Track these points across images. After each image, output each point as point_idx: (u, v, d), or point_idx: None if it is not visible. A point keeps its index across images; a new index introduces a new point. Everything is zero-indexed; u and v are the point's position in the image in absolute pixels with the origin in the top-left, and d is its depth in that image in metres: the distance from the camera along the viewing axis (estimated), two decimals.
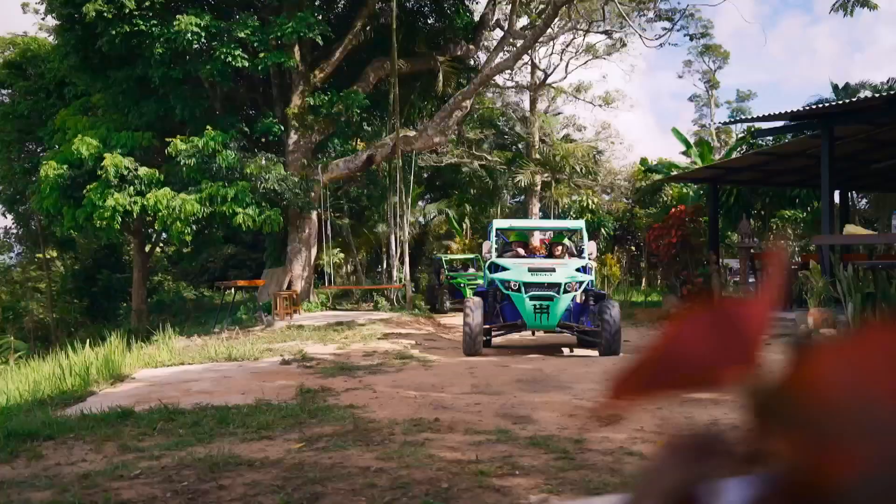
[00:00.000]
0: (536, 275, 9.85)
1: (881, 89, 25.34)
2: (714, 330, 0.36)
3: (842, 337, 0.35)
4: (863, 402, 0.33)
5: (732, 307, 0.36)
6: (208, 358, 10.20)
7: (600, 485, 3.89)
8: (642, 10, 25.03)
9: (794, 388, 0.35)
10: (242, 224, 16.39)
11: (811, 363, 0.35)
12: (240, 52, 16.45)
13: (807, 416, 0.34)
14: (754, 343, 0.36)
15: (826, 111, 10.73)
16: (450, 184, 30.50)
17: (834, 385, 0.34)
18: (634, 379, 0.35)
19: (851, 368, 0.34)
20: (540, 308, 9.69)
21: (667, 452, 0.38)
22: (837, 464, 0.32)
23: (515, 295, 9.85)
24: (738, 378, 0.36)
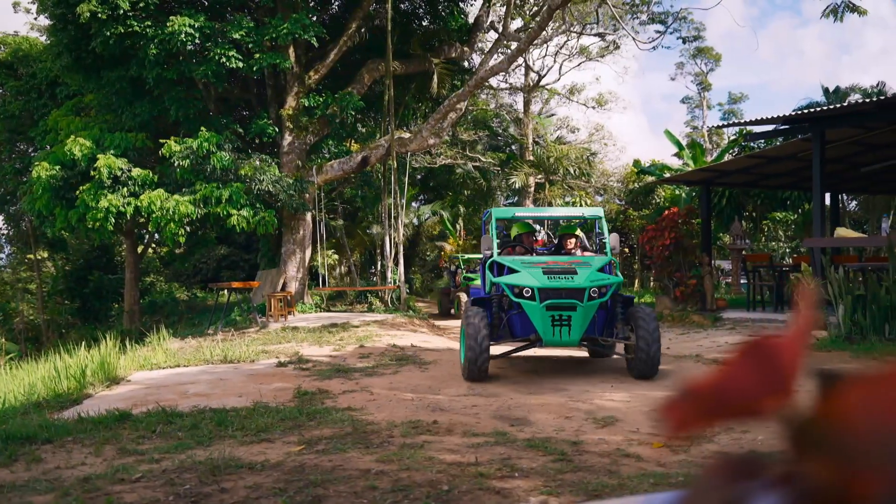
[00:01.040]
0: (554, 278, 7.79)
1: (871, 93, 25.54)
2: (756, 366, 0.40)
3: (867, 372, 0.39)
4: (886, 431, 0.37)
5: (772, 345, 0.41)
6: (203, 360, 10.21)
7: (598, 486, 3.94)
8: (635, 13, 25.13)
9: (825, 417, 0.39)
10: (237, 226, 16.38)
11: (840, 395, 0.39)
12: (234, 53, 16.44)
13: (837, 442, 0.38)
14: (791, 377, 0.41)
15: (818, 115, 10.83)
16: (443, 185, 30.59)
17: (861, 415, 0.38)
18: (688, 409, 0.39)
19: (876, 401, 0.38)
20: (559, 320, 7.75)
21: (712, 471, 0.42)
22: (864, 484, 0.37)
23: (528, 304, 7.79)
24: (777, 408, 0.40)
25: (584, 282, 7.79)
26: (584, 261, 8.47)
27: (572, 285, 7.75)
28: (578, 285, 7.76)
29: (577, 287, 7.75)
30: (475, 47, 21.57)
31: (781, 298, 13.55)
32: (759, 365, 0.42)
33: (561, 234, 9.77)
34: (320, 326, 13.98)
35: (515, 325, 8.26)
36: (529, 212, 10.76)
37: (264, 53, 16.65)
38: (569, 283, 7.75)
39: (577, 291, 7.76)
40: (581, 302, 7.72)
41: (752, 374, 0.42)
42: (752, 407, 0.41)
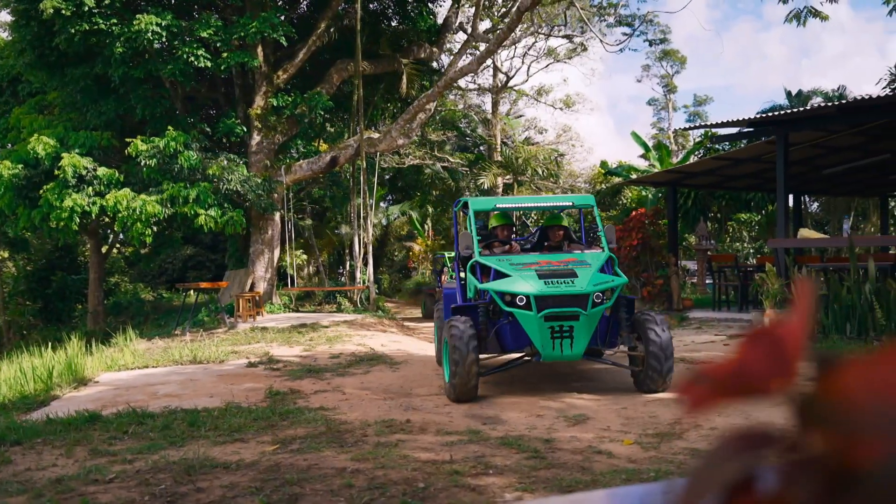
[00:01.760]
0: (552, 283, 6.72)
1: (832, 96, 26.09)
2: (765, 350, 0.46)
3: (859, 356, 0.45)
4: (880, 406, 0.43)
5: (777, 332, 0.46)
6: (172, 361, 10.13)
7: (572, 483, 4.01)
8: (603, 16, 25.38)
9: (826, 395, 0.45)
10: (205, 225, 16.24)
11: (838, 376, 0.45)
12: (202, 51, 16.31)
13: (836, 416, 0.44)
14: (795, 360, 0.46)
15: (781, 118, 11.06)
16: (412, 185, 30.60)
17: (855, 392, 0.44)
18: (706, 390, 0.44)
19: (868, 380, 0.44)
20: (559, 332, 6.69)
21: (728, 440, 0.47)
22: (861, 452, 0.42)
23: (523, 314, 6.74)
24: (783, 388, 0.46)
25: (586, 286, 6.71)
26: (580, 259, 7.39)
27: (574, 291, 6.66)
28: (581, 291, 6.67)
29: (580, 293, 6.67)
30: (444, 48, 21.63)
31: (746, 298, 13.80)
32: (767, 350, 0.47)
33: (546, 226, 8.49)
34: (289, 327, 13.93)
35: (506, 337, 7.15)
36: (512, 202, 8.88)
37: (232, 52, 16.53)
38: (569, 289, 6.67)
39: (579, 298, 6.69)
40: (584, 310, 6.65)
41: (761, 358, 0.47)
42: (762, 387, 0.46)
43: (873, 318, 8.97)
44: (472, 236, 7.64)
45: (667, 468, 4.30)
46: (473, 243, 7.62)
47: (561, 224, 8.38)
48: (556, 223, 8.39)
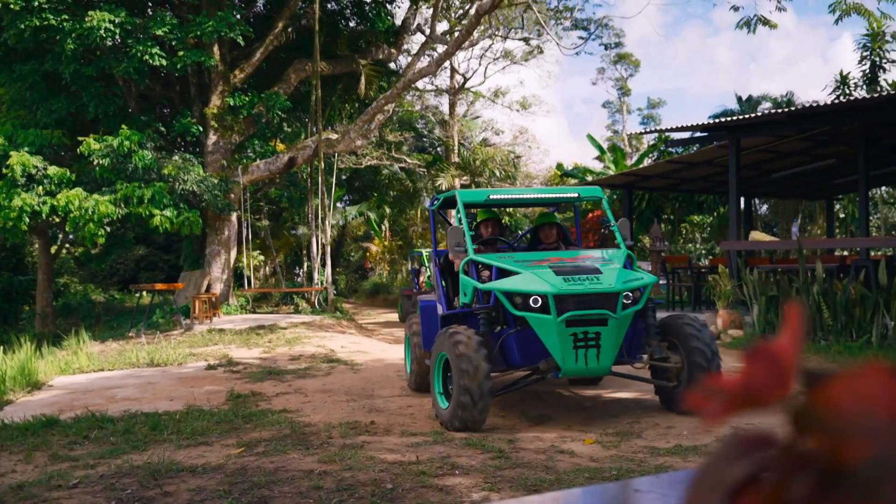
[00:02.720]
0: (573, 281, 5.64)
1: (780, 102, 26.78)
2: (764, 367, 0.53)
3: (847, 369, 0.53)
4: (862, 414, 0.51)
5: (775, 350, 0.54)
6: (129, 364, 10.01)
7: (537, 482, 4.11)
8: (559, 19, 25.67)
9: (817, 404, 0.53)
10: (160, 226, 16.03)
11: (826, 388, 0.52)
12: (157, 50, 16.09)
13: (825, 422, 0.51)
14: (790, 375, 0.54)
15: (734, 124, 11.36)
16: (369, 186, 30.54)
17: (844, 402, 0.52)
18: (716, 402, 0.52)
19: (854, 391, 0.52)
20: (584, 339, 5.55)
21: (729, 443, 0.55)
22: (847, 453, 0.50)
23: (538, 318, 5.62)
24: (781, 399, 0.53)
25: (615, 284, 5.65)
26: (598, 256, 6.49)
27: (601, 289, 5.58)
28: (609, 288, 5.59)
29: (608, 291, 5.59)
30: (402, 49, 21.67)
31: (699, 299, 14.11)
32: (766, 366, 0.55)
33: (538, 224, 7.34)
34: (247, 328, 13.83)
35: (512, 350, 5.93)
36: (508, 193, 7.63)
37: (188, 51, 16.34)
38: (595, 286, 5.59)
39: (607, 298, 5.60)
40: (613, 312, 5.56)
41: (762, 374, 0.55)
42: (764, 399, 0.54)
43: (821, 318, 9.27)
44: (463, 231, 6.44)
45: (628, 466, 4.42)
46: (466, 239, 6.40)
47: (554, 222, 7.26)
48: (550, 221, 7.26)
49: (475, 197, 7.21)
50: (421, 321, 7.26)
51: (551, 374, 5.86)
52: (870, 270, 9.86)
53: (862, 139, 12.46)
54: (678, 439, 5.25)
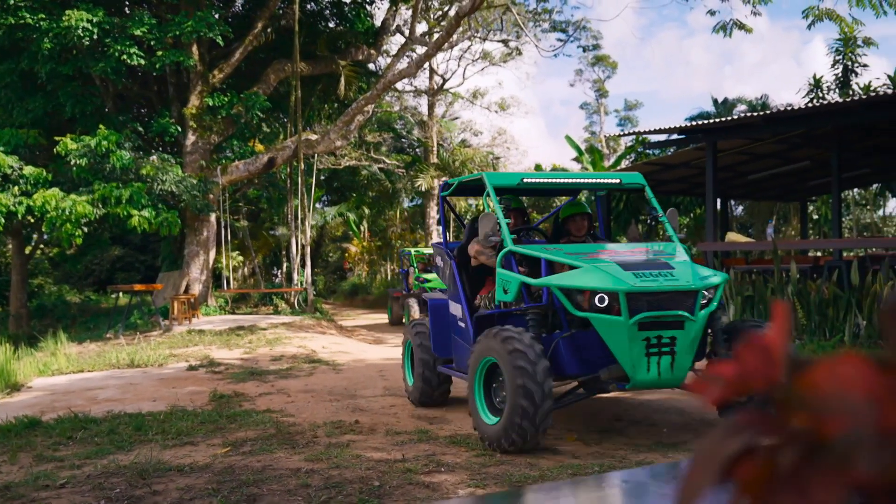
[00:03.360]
0: (645, 277, 4.92)
1: (755, 104, 27.16)
2: (758, 356, 0.62)
3: (826, 357, 0.61)
4: (838, 395, 0.59)
5: (765, 341, 0.62)
6: (109, 365, 9.98)
7: (521, 478, 4.20)
8: (538, 21, 25.83)
9: (801, 387, 0.61)
10: (138, 227, 15.94)
11: (810, 374, 0.61)
12: (135, 49, 16.01)
13: (809, 403, 0.60)
14: (779, 362, 0.62)
15: (711, 127, 11.55)
16: (348, 186, 30.54)
17: (823, 386, 0.60)
18: (715, 386, 0.60)
19: (833, 376, 0.60)
20: (657, 345, 4.85)
21: (728, 421, 0.63)
22: (826, 428, 0.59)
23: (605, 320, 4.89)
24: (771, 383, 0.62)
25: (693, 281, 4.96)
26: (658, 249, 5.93)
27: (677, 286, 4.89)
28: (687, 286, 4.90)
29: (686, 289, 4.90)
30: (382, 50, 21.71)
31: None
32: (758, 355, 0.63)
33: (568, 215, 6.45)
34: (227, 329, 13.81)
35: (566, 357, 5.12)
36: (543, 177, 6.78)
37: (167, 51, 16.28)
38: (671, 284, 4.90)
39: (684, 297, 4.92)
40: (691, 314, 4.90)
41: (755, 362, 0.63)
42: (757, 383, 0.62)
43: (795, 318, 9.44)
44: (497, 218, 5.60)
45: (609, 463, 4.53)
46: (502, 227, 5.59)
47: (586, 212, 6.46)
48: (581, 211, 6.43)
49: (506, 180, 6.28)
50: (431, 323, 6.51)
51: (616, 385, 5.03)
52: (842, 271, 10.07)
53: (835, 142, 12.70)
54: (659, 436, 5.37)
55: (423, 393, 6.64)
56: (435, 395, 6.65)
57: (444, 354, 6.41)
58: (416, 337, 6.78)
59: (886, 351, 0.62)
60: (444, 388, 6.70)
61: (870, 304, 8.91)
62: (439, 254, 6.71)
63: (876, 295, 8.90)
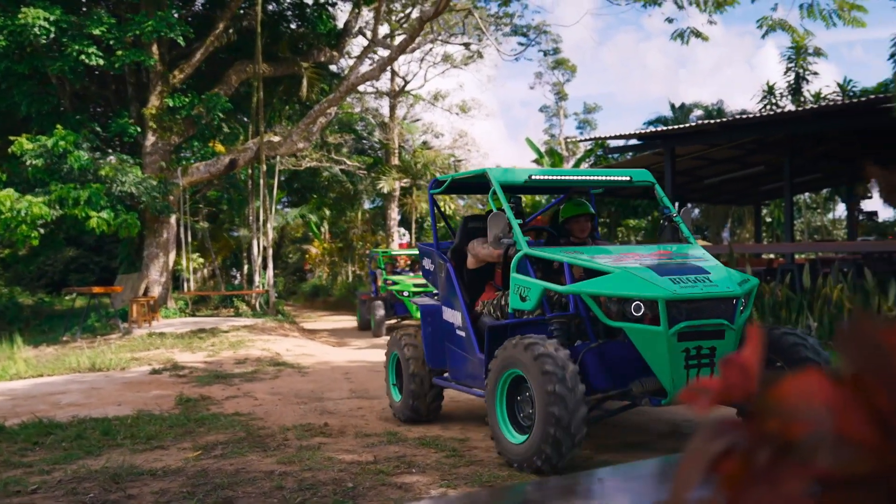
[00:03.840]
0: (684, 283, 4.59)
1: (711, 110, 27.75)
2: (737, 371, 0.74)
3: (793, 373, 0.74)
4: (802, 404, 0.72)
5: (743, 358, 0.74)
6: (70, 369, 9.87)
7: (491, 478, 4.32)
8: (499, 25, 26.06)
9: (773, 398, 0.73)
10: (97, 228, 15.74)
11: (779, 386, 0.73)
12: (94, 49, 15.80)
13: (779, 411, 0.72)
14: (754, 377, 0.75)
15: (670, 133, 11.84)
16: (308, 187, 30.43)
17: (790, 396, 0.73)
18: (702, 396, 0.72)
19: (797, 388, 0.73)
20: (696, 356, 4.53)
21: (710, 426, 0.75)
22: (792, 432, 0.71)
23: (642, 330, 4.55)
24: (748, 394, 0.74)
25: (732, 286, 4.69)
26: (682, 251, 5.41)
27: (717, 292, 4.59)
28: (727, 292, 4.63)
29: (726, 295, 4.63)
30: (344, 52, 21.71)
31: None
32: (737, 372, 0.76)
33: (571, 216, 6.02)
34: (188, 332, 13.73)
35: (594, 370, 4.74)
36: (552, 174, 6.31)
37: (127, 51, 16.10)
38: (711, 290, 4.59)
39: (724, 304, 4.64)
40: (731, 322, 4.61)
41: (734, 376, 0.75)
42: (736, 394, 0.75)
43: (750, 320, 9.71)
44: (507, 219, 5.24)
45: (576, 462, 4.67)
46: (514, 228, 5.24)
47: (589, 213, 6.05)
48: (585, 212, 6.02)
49: (513, 177, 5.81)
50: (423, 330, 6.10)
51: (651, 401, 4.66)
52: (795, 274, 10.41)
53: (787, 149, 13.10)
54: (624, 436, 5.53)
55: (414, 408, 6.12)
56: (426, 411, 6.14)
57: (438, 365, 5.99)
58: (405, 348, 6.24)
59: (840, 367, 0.75)
60: (436, 403, 6.20)
61: (821, 306, 9.24)
62: (429, 256, 6.34)
63: (826, 297, 9.21)
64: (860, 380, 0.74)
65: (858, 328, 0.72)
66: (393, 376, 6.56)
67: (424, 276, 6.58)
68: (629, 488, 1.53)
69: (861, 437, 0.71)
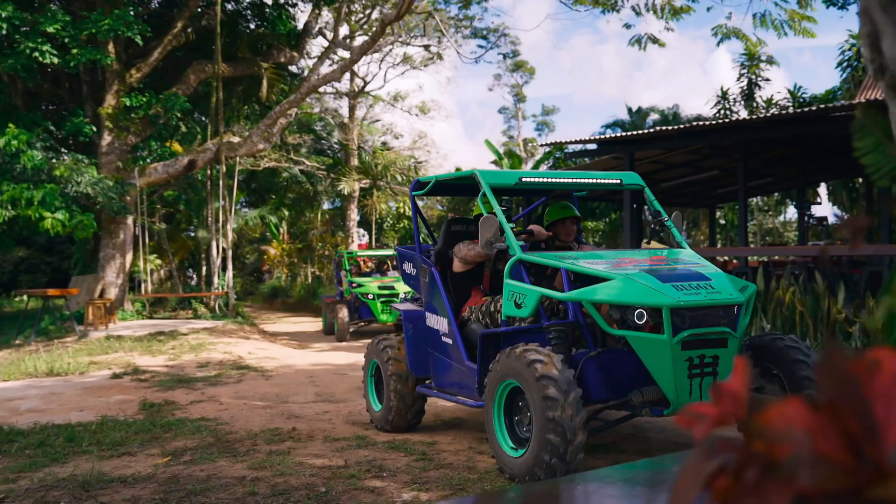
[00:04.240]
0: (687, 290, 4.48)
1: (667, 113, 28.29)
2: (728, 398, 0.84)
3: (777, 401, 0.84)
4: (786, 427, 0.82)
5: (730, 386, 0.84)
6: (26, 373, 9.71)
7: (461, 481, 4.41)
8: (459, 28, 26.20)
9: (759, 422, 0.84)
10: (51, 229, 15.46)
11: (766, 411, 0.83)
12: (48, 47, 15.52)
13: (765, 433, 0.83)
14: (743, 404, 0.85)
15: (630, 139, 12.09)
16: (266, 188, 30.22)
17: (775, 420, 0.83)
18: (700, 421, 0.82)
19: (781, 414, 0.83)
20: (699, 366, 4.43)
21: (703, 446, 0.85)
22: (778, 452, 0.82)
23: (645, 339, 4.45)
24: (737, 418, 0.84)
25: (735, 293, 4.59)
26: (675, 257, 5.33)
27: (720, 299, 4.49)
28: (730, 299, 4.52)
29: (729, 303, 4.52)
30: (304, 52, 21.62)
31: None
32: (727, 398, 0.86)
33: (557, 219, 5.88)
34: (147, 335, 13.57)
35: (593, 379, 4.60)
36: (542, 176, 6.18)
37: (82, 49, 15.84)
38: (714, 297, 4.49)
39: (726, 311, 4.53)
40: (734, 330, 4.51)
41: (726, 403, 0.86)
42: (727, 419, 0.85)
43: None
44: (499, 222, 5.09)
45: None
46: (506, 232, 5.09)
47: (575, 216, 5.93)
48: (571, 215, 5.88)
49: (503, 179, 5.75)
50: (406, 336, 5.97)
51: (653, 411, 4.56)
52: (749, 277, 10.71)
53: (741, 153, 13.45)
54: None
55: (395, 417, 5.94)
56: (408, 419, 5.98)
57: (422, 373, 5.85)
58: (385, 355, 6.07)
59: (817, 396, 0.85)
60: (418, 409, 6.02)
61: (774, 308, 9.52)
62: (410, 259, 6.21)
63: (779, 300, 9.49)
64: (834, 407, 0.85)
65: (831, 361, 0.82)
66: (372, 385, 6.40)
67: (405, 281, 6.43)
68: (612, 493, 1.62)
69: (836, 458, 0.82)
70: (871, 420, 0.82)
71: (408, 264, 6.29)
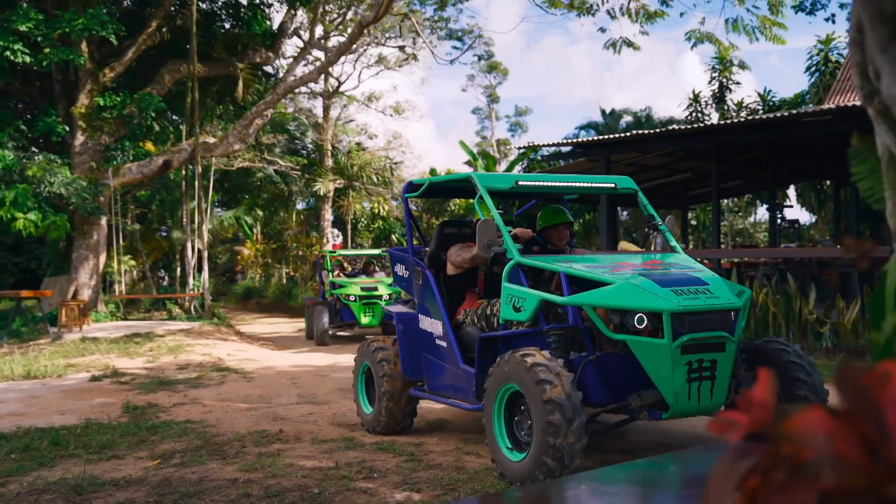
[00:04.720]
0: (687, 295, 4.55)
1: (640, 116, 28.62)
2: (756, 407, 0.94)
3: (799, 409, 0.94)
4: (811, 433, 0.92)
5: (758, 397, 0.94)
6: (2, 377, 9.61)
7: (451, 481, 4.50)
8: (434, 29, 26.29)
9: (786, 428, 0.94)
10: (24, 230, 15.29)
11: (791, 419, 0.93)
12: (20, 45, 15.34)
13: (791, 438, 0.93)
14: (770, 412, 0.95)
15: (606, 142, 12.28)
16: (240, 188, 30.06)
17: (800, 427, 0.93)
18: (732, 428, 0.91)
19: (805, 421, 0.93)
20: (698, 370, 4.50)
21: (734, 448, 0.95)
22: (803, 455, 0.92)
23: (645, 343, 4.49)
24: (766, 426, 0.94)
25: (732, 298, 4.68)
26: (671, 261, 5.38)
27: (718, 304, 4.57)
28: (728, 304, 4.62)
29: (727, 307, 4.61)
30: (280, 53, 21.57)
31: None
32: (756, 407, 0.96)
33: (549, 224, 5.86)
34: (122, 336, 13.49)
35: (592, 383, 4.66)
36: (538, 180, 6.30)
37: (55, 48, 15.67)
38: (713, 302, 4.56)
39: (724, 316, 4.62)
40: (731, 335, 4.58)
41: (756, 411, 0.95)
42: (756, 425, 0.95)
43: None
44: (497, 225, 5.12)
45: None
46: (504, 236, 5.12)
47: (568, 221, 5.93)
48: (564, 220, 5.88)
49: (499, 182, 5.78)
50: (399, 339, 5.94)
51: (650, 415, 4.61)
52: None
53: (714, 156, 13.71)
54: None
55: (388, 420, 5.92)
56: (401, 422, 5.98)
57: (415, 376, 5.85)
58: (377, 357, 6.04)
59: (837, 404, 0.96)
60: (410, 411, 6.03)
61: None
62: (402, 262, 6.20)
63: (752, 301, 9.69)
64: (851, 415, 0.96)
65: (847, 374, 0.92)
66: (362, 387, 6.38)
67: (397, 283, 6.40)
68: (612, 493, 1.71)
69: (854, 459, 0.92)
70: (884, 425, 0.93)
71: (400, 266, 6.29)
